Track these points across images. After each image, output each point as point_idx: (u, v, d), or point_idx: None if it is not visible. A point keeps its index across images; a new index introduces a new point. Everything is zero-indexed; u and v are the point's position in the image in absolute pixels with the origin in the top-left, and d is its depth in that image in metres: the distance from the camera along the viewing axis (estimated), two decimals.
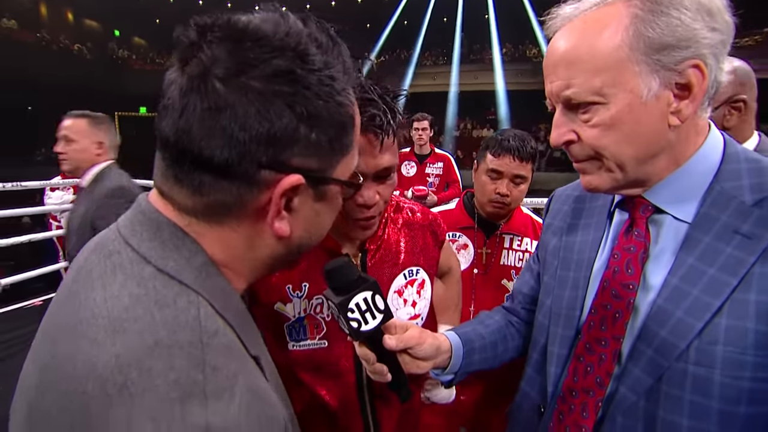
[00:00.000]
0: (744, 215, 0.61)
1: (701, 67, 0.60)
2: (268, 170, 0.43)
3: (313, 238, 0.53)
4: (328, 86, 0.45)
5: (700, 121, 0.66)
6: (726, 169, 0.65)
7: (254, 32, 0.42)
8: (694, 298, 0.61)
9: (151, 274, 0.42)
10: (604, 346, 0.70)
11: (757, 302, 0.58)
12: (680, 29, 0.59)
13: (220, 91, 0.41)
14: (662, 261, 0.67)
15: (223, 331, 0.42)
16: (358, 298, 0.67)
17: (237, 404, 0.37)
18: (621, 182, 0.67)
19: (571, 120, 0.67)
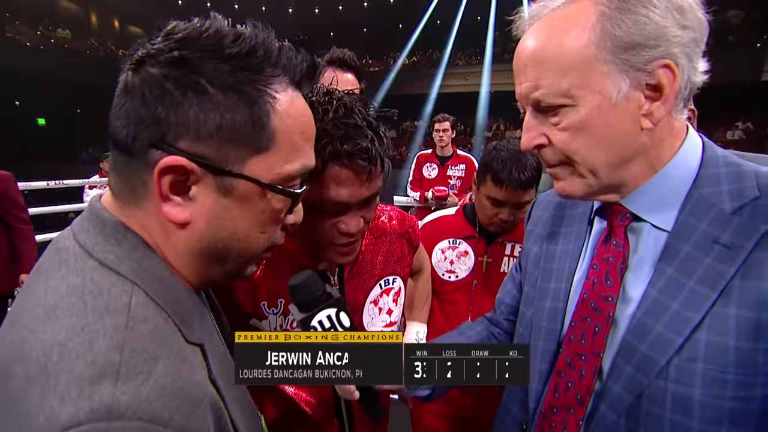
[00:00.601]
0: (723, 224, 0.59)
1: (672, 66, 0.57)
2: (155, 150, 0.46)
3: (233, 240, 0.52)
4: (231, 75, 0.46)
5: (676, 123, 0.63)
6: (705, 174, 0.63)
7: (168, 30, 0.48)
8: (674, 312, 0.59)
9: (92, 266, 0.45)
10: (585, 362, 0.68)
11: (738, 317, 0.55)
12: (648, 27, 0.56)
13: (128, 78, 0.47)
14: (642, 272, 0.65)
15: (153, 318, 0.44)
16: (321, 316, 0.66)
17: (150, 385, 0.39)
18: (595, 188, 0.65)
19: (541, 123, 0.64)
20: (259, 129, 0.49)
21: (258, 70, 0.48)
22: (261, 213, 0.52)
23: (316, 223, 0.79)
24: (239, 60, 0.47)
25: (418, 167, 4.06)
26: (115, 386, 0.37)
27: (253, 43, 0.48)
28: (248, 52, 0.47)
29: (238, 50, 0.47)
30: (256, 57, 0.48)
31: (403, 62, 20.64)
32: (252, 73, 0.48)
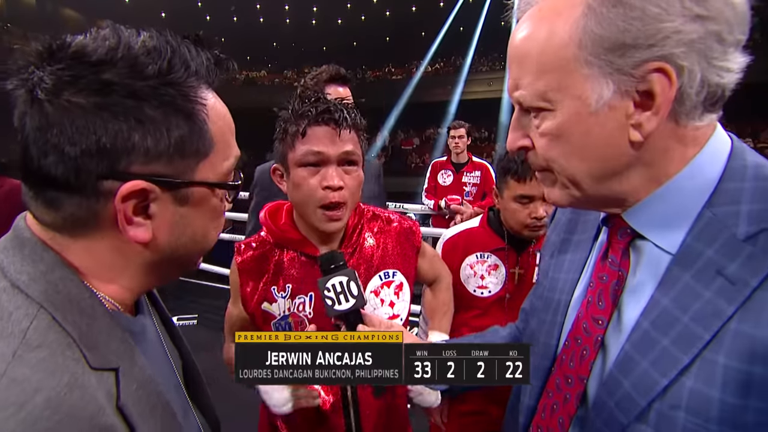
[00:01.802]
0: (732, 252, 0.49)
1: (667, 71, 0.47)
2: (107, 181, 0.45)
3: (191, 243, 0.54)
4: (164, 93, 0.46)
5: (690, 131, 0.52)
6: (723, 188, 0.52)
7: (76, 51, 0.44)
8: (662, 349, 0.52)
9: (3, 287, 0.44)
10: (570, 386, 0.63)
11: (726, 367, 0.47)
12: (637, 23, 0.47)
13: (47, 110, 0.43)
14: (640, 296, 0.57)
15: (51, 345, 0.42)
16: (335, 280, 0.79)
17: (20, 417, 0.37)
18: (580, 199, 0.58)
19: (526, 124, 0.58)
20: (201, 137, 0.50)
21: (182, 83, 0.48)
22: (213, 210, 0.55)
23: (305, 182, 0.95)
24: (163, 76, 0.46)
25: (433, 175, 4.03)
26: None
27: (169, 56, 0.47)
28: (168, 66, 0.47)
29: (159, 67, 0.46)
30: (176, 70, 0.47)
31: (425, 69, 20.69)
32: (179, 87, 0.48)
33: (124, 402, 0.45)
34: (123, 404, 0.45)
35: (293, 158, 0.96)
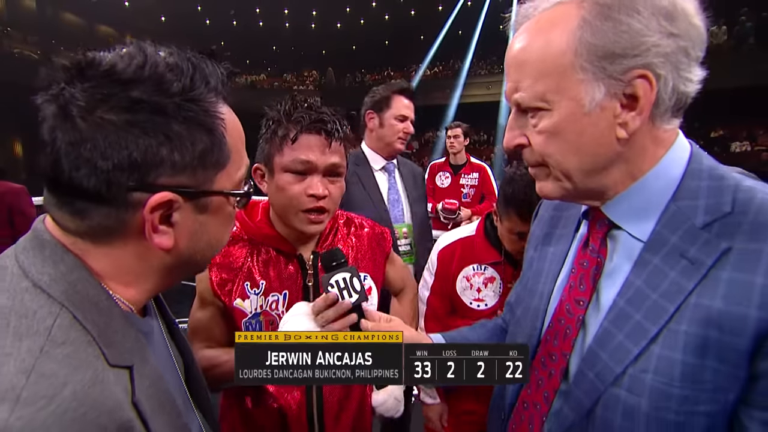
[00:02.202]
0: (693, 238, 0.58)
1: (649, 77, 0.56)
2: (137, 192, 0.48)
3: (207, 248, 0.57)
4: (188, 109, 0.49)
5: (661, 132, 0.62)
6: (685, 186, 0.62)
7: (107, 70, 0.47)
8: (635, 323, 0.60)
9: (26, 287, 0.46)
10: (554, 362, 0.70)
11: (686, 333, 0.56)
12: (626, 36, 0.55)
13: (80, 126, 0.46)
14: (615, 280, 0.65)
15: (74, 342, 0.45)
16: (338, 276, 0.83)
17: (50, 410, 0.39)
18: (571, 192, 0.66)
19: (523, 124, 0.65)
20: (221, 149, 0.54)
21: (203, 99, 0.51)
22: (227, 217, 0.59)
23: (290, 187, 0.96)
24: (186, 93, 0.49)
25: (431, 177, 4.01)
26: (11, 411, 0.38)
27: (191, 73, 0.50)
28: (191, 84, 0.50)
29: (183, 84, 0.49)
30: (198, 86, 0.51)
31: (424, 73, 20.74)
32: (200, 103, 0.51)
33: (138, 398, 0.48)
34: (137, 400, 0.48)
35: (280, 162, 0.97)
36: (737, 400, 0.55)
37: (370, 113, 2.02)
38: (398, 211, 2.02)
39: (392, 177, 2.06)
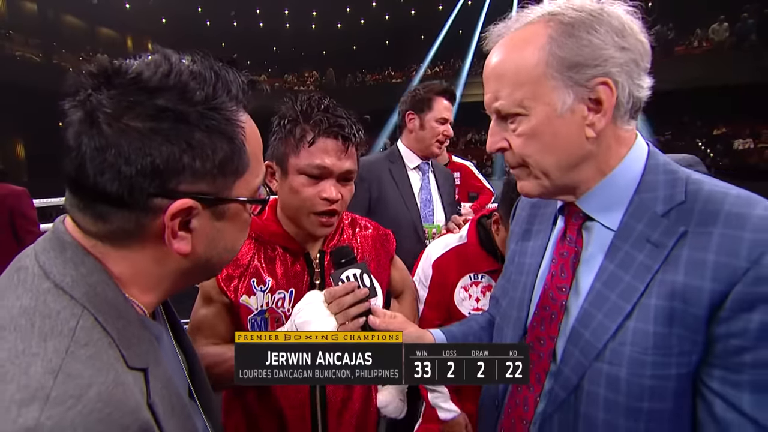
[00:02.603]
0: (655, 225, 0.67)
1: (609, 84, 0.65)
2: (158, 198, 0.49)
3: (223, 253, 0.58)
4: (210, 118, 0.50)
5: (623, 132, 0.71)
6: (645, 180, 0.70)
7: (134, 78, 0.48)
8: (611, 302, 0.67)
9: (48, 288, 0.47)
10: (542, 345, 0.76)
11: (656, 306, 0.63)
12: (587, 50, 0.65)
13: (106, 132, 0.47)
14: (592, 266, 0.72)
15: (96, 343, 0.45)
16: (349, 272, 0.85)
17: (78, 410, 0.40)
18: (549, 188, 0.73)
19: (503, 129, 0.73)
20: (240, 158, 0.54)
21: (224, 107, 0.52)
22: (244, 223, 0.59)
23: (304, 190, 0.96)
24: (209, 102, 0.50)
25: None
26: (42, 410, 0.38)
27: (214, 81, 0.51)
28: (213, 92, 0.51)
29: (206, 93, 0.50)
30: (220, 95, 0.52)
31: (424, 72, 20.74)
32: (222, 111, 0.52)
33: (153, 400, 0.49)
34: (152, 402, 0.49)
35: (295, 164, 0.95)
36: (698, 362, 0.63)
37: (411, 114, 1.99)
38: (428, 211, 2.01)
39: (426, 177, 2.04)
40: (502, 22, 0.74)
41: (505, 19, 0.74)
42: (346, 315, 0.81)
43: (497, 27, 0.74)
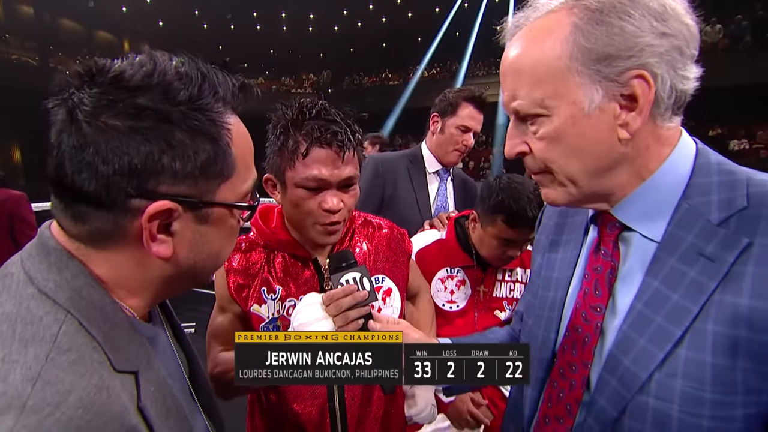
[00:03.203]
0: (709, 235, 0.57)
1: (646, 77, 0.56)
2: (136, 199, 0.48)
3: (208, 260, 0.56)
4: (193, 118, 0.49)
5: (664, 131, 0.62)
6: (695, 183, 0.61)
7: (115, 76, 0.47)
8: (657, 326, 0.58)
9: (31, 293, 0.46)
10: (574, 372, 0.68)
11: (714, 333, 0.54)
12: (618, 38, 0.56)
13: (84, 130, 0.46)
14: (631, 282, 0.64)
15: (79, 348, 0.45)
16: (348, 276, 0.83)
17: (56, 417, 0.39)
18: (577, 196, 0.65)
19: (522, 131, 0.65)
20: (225, 160, 0.53)
21: (210, 108, 0.51)
22: (230, 229, 0.58)
23: (304, 203, 0.94)
24: (193, 102, 0.49)
25: None
26: (17, 419, 0.38)
27: (200, 82, 0.50)
28: (198, 92, 0.50)
29: (190, 92, 0.49)
30: (206, 96, 0.50)
31: (422, 74, 20.76)
32: (207, 112, 0.50)
33: (144, 403, 0.48)
34: (143, 405, 0.48)
35: (292, 177, 0.93)
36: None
37: (435, 116, 1.95)
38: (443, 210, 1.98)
39: (443, 183, 2.00)
40: (519, 12, 0.65)
41: (524, 8, 0.65)
42: (345, 317, 0.79)
43: (515, 17, 0.65)
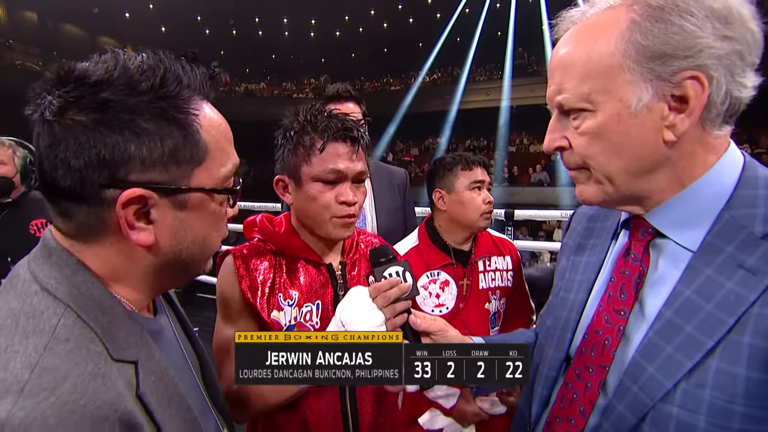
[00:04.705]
0: (751, 248, 0.56)
1: (701, 79, 0.55)
2: (109, 189, 0.50)
3: (192, 247, 0.57)
4: (157, 106, 0.51)
5: (711, 138, 0.60)
6: (740, 194, 0.59)
7: (78, 75, 0.50)
8: (686, 335, 0.57)
9: (35, 291, 0.49)
10: (591, 374, 0.67)
11: (751, 345, 0.52)
12: (677, 37, 0.55)
13: (55, 129, 0.49)
14: (660, 289, 0.63)
15: (77, 338, 0.47)
16: (392, 269, 0.85)
17: (51, 401, 0.42)
18: (612, 196, 0.64)
19: (564, 126, 0.65)
20: (194, 145, 0.54)
21: (175, 96, 0.52)
22: (212, 214, 0.58)
23: (321, 196, 0.97)
24: (156, 91, 0.51)
25: None
26: (15, 402, 0.40)
27: (161, 72, 0.52)
28: (161, 82, 0.51)
29: (152, 83, 0.51)
30: (169, 84, 0.52)
31: (423, 80, 20.86)
32: (171, 100, 0.52)
33: (143, 391, 0.50)
34: (142, 393, 0.50)
35: (309, 172, 0.96)
36: None
37: None
38: (361, 222, 1.89)
39: None
40: (577, 8, 0.64)
41: (581, 3, 0.64)
42: (393, 309, 0.80)
43: (570, 12, 0.64)
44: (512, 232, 3.20)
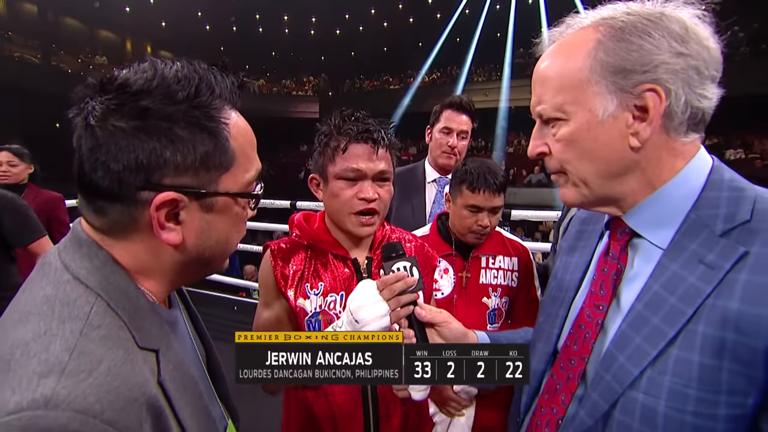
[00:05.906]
0: (711, 245, 0.61)
1: (658, 91, 0.61)
2: (144, 191, 0.54)
3: (216, 246, 0.61)
4: (191, 115, 0.54)
5: (678, 144, 0.66)
6: (706, 196, 0.65)
7: (121, 83, 0.53)
8: (653, 326, 0.62)
9: (67, 279, 0.53)
10: (572, 366, 0.72)
11: (704, 334, 0.57)
12: (636, 54, 0.62)
13: (97, 134, 0.52)
14: (635, 285, 0.68)
15: (108, 326, 0.51)
16: (399, 264, 0.89)
17: (89, 382, 0.45)
18: (589, 198, 0.70)
19: (544, 134, 0.72)
20: (224, 152, 0.58)
21: (208, 105, 0.56)
22: (235, 216, 0.62)
23: (343, 193, 1.06)
24: (191, 100, 0.55)
25: None
26: (58, 381, 0.44)
27: (196, 82, 0.55)
28: (196, 91, 0.55)
29: (188, 92, 0.54)
30: (203, 94, 0.56)
31: (422, 79, 20.86)
32: (204, 109, 0.56)
33: (164, 378, 0.54)
34: (163, 380, 0.53)
35: (333, 171, 1.06)
36: (757, 405, 0.55)
37: (428, 128, 2.12)
38: None
39: (440, 191, 2.10)
40: (556, 27, 0.72)
41: (559, 24, 0.72)
42: (397, 301, 0.85)
43: (550, 32, 0.73)
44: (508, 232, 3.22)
